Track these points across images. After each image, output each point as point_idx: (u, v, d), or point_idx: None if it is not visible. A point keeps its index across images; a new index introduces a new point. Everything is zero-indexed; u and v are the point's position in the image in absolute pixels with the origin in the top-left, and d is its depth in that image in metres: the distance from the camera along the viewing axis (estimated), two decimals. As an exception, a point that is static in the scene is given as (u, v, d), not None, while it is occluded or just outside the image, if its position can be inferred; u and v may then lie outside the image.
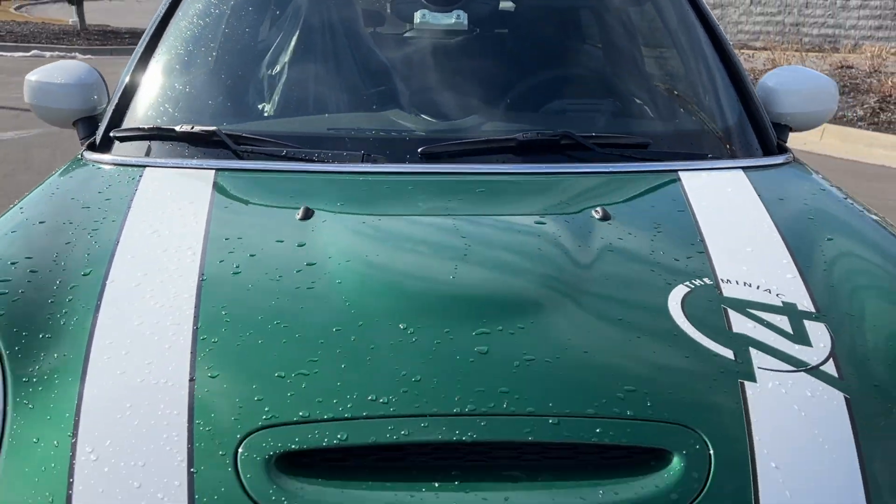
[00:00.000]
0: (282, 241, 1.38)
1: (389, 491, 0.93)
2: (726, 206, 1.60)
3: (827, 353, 1.13)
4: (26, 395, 1.05)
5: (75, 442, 0.98)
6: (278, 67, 2.03)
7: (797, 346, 1.14)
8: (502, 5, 2.31)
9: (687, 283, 1.25)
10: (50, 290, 1.23)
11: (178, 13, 2.12)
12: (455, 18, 2.03)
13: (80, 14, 19.41)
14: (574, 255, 1.31)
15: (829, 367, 1.11)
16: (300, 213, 1.42)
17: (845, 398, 1.06)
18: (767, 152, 1.91)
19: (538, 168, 1.70)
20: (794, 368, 1.10)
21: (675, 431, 0.99)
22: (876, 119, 8.22)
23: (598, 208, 1.47)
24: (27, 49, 15.99)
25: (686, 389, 1.07)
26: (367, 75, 2.03)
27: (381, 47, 2.10)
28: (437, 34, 2.09)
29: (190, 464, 0.95)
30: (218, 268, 1.28)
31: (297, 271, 1.27)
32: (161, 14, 2.14)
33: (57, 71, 2.16)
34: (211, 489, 0.92)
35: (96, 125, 2.08)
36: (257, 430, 0.97)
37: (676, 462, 0.96)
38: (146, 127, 1.86)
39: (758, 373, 1.08)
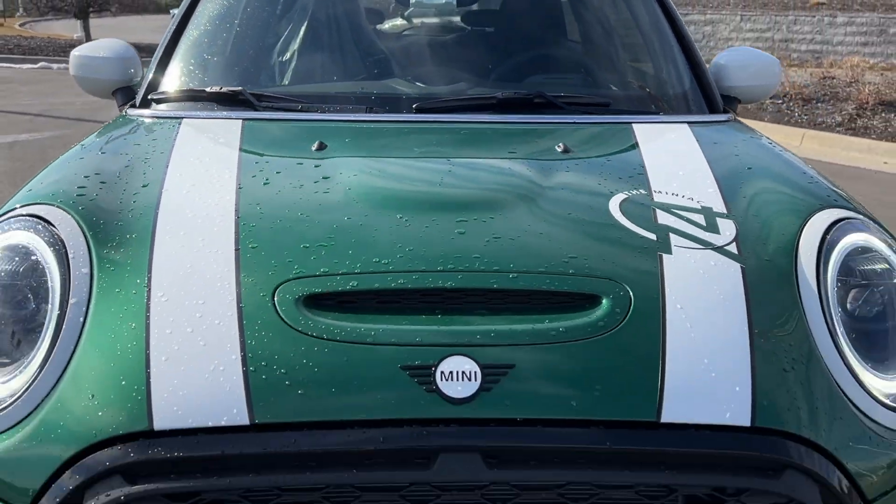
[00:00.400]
0: (301, 163, 1.69)
1: (387, 323, 1.23)
2: (667, 145, 1.91)
3: (731, 239, 1.43)
4: (107, 260, 1.35)
5: (149, 289, 1.27)
6: (293, 40, 2.35)
7: (708, 234, 1.44)
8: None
9: (626, 192, 1.56)
10: (118, 195, 1.53)
11: (202, 5, 2.43)
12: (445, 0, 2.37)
13: (86, 28, 19.82)
14: (537, 171, 1.62)
15: (732, 248, 1.41)
16: (315, 145, 1.73)
17: (741, 267, 1.36)
18: (713, 113, 2.23)
19: (514, 118, 2.02)
20: (703, 247, 1.40)
21: (605, 283, 1.28)
22: (853, 125, 8.56)
23: (561, 144, 1.78)
24: (35, 61, 16.35)
25: (616, 257, 1.37)
26: (371, 48, 2.35)
27: (379, 26, 2.42)
28: (429, 15, 2.41)
29: (238, 301, 1.24)
30: (251, 179, 1.58)
31: (315, 181, 1.58)
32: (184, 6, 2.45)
33: (99, 47, 2.46)
34: (254, 317, 1.21)
35: (133, 94, 2.38)
36: (289, 280, 1.27)
37: (605, 303, 1.26)
38: (182, 89, 2.17)
39: (674, 249, 1.38)
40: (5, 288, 1.34)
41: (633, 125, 1.99)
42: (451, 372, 1.14)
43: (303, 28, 2.42)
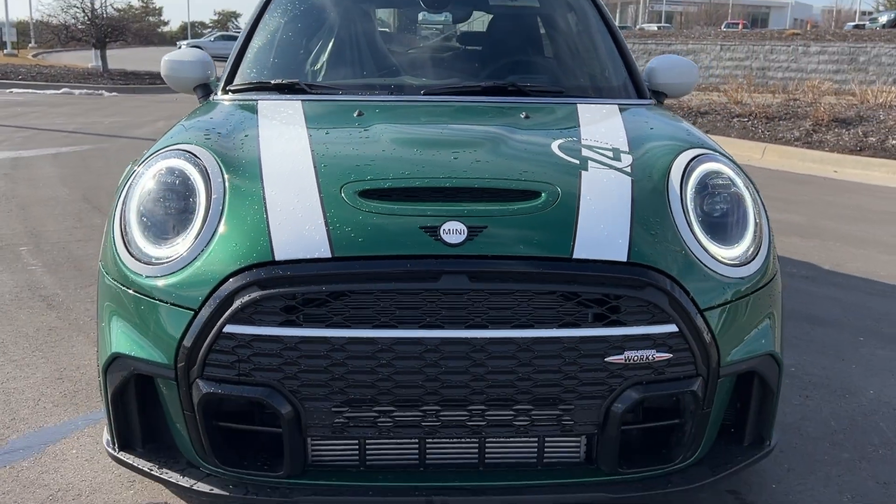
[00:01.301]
0: (347, 123, 2.46)
1: (411, 204, 1.95)
2: (598, 116, 2.69)
3: (628, 165, 2.19)
4: (233, 173, 2.09)
5: (263, 188, 2.02)
6: (329, 46, 3.14)
7: (613, 161, 2.20)
8: (474, 16, 3.44)
9: (563, 139, 2.34)
10: (230, 141, 2.28)
11: (265, 16, 3.21)
12: (444, 18, 3.16)
13: (103, 57, 20.69)
14: (507, 127, 2.40)
15: (627, 169, 2.16)
16: (356, 113, 2.50)
17: (632, 180, 2.11)
18: (640, 99, 3.01)
19: (493, 99, 2.79)
20: (608, 168, 2.16)
21: (544, 185, 2.04)
22: (809, 139, 9.39)
23: (524, 113, 2.56)
24: (58, 87, 17.22)
25: (552, 170, 2.13)
26: (386, 55, 3.15)
27: (396, 38, 3.22)
28: (432, 30, 3.21)
29: (320, 193, 1.98)
30: (316, 131, 2.35)
31: (359, 132, 2.35)
32: (254, 15, 3.23)
33: (184, 54, 3.23)
34: (330, 201, 1.95)
35: (209, 89, 3.15)
36: (349, 182, 2.01)
37: (543, 195, 2.00)
38: (253, 82, 2.94)
39: (590, 168, 2.14)
40: (168, 192, 2.10)
41: (578, 105, 2.78)
42: (449, 229, 1.88)
43: (338, 36, 3.22)
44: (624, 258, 1.91)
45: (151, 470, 2.00)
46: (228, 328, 1.83)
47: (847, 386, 3.08)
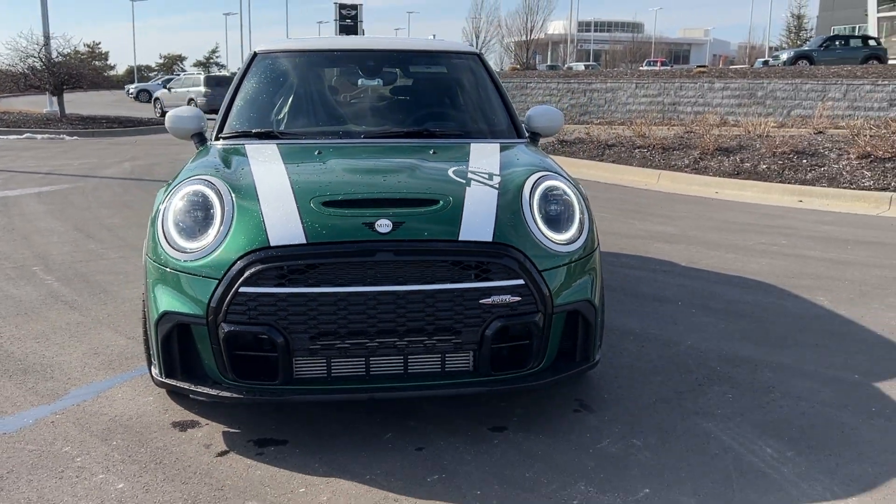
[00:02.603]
0: (312, 159, 3.50)
1: (356, 208, 3.00)
2: (484, 152, 3.77)
3: (497, 182, 3.25)
4: (238, 195, 3.08)
5: (259, 202, 3.01)
6: (295, 103, 4.20)
7: (487, 181, 3.26)
8: (399, 79, 4.55)
9: (456, 166, 3.41)
10: (232, 172, 3.30)
11: (244, 81, 4.24)
12: (377, 82, 4.26)
13: (61, 103, 21.32)
14: (419, 159, 3.46)
15: (496, 185, 3.22)
16: (317, 151, 3.55)
17: (497, 192, 3.17)
18: (518, 138, 4.12)
19: (413, 141, 3.87)
20: (483, 185, 3.22)
21: (440, 196, 3.07)
22: (697, 165, 10.68)
23: (433, 150, 3.65)
24: (20, 132, 17.85)
25: (447, 186, 3.18)
26: (336, 109, 4.22)
27: (342, 95, 4.30)
28: (368, 89, 4.30)
29: (296, 203, 2.98)
30: (290, 165, 3.37)
31: (320, 163, 3.39)
32: (236, 81, 4.26)
33: (183, 110, 4.22)
34: (304, 208, 2.95)
35: (203, 137, 4.16)
36: (314, 196, 3.03)
37: (441, 202, 3.02)
38: (240, 131, 3.97)
39: (471, 184, 3.20)
40: (194, 207, 3.10)
41: (472, 144, 3.88)
42: (381, 224, 2.91)
43: (298, 96, 4.28)
44: (490, 239, 2.98)
45: (189, 387, 2.99)
46: (242, 289, 2.84)
47: (672, 339, 4.20)
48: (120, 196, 9.02)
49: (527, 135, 4.22)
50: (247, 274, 2.83)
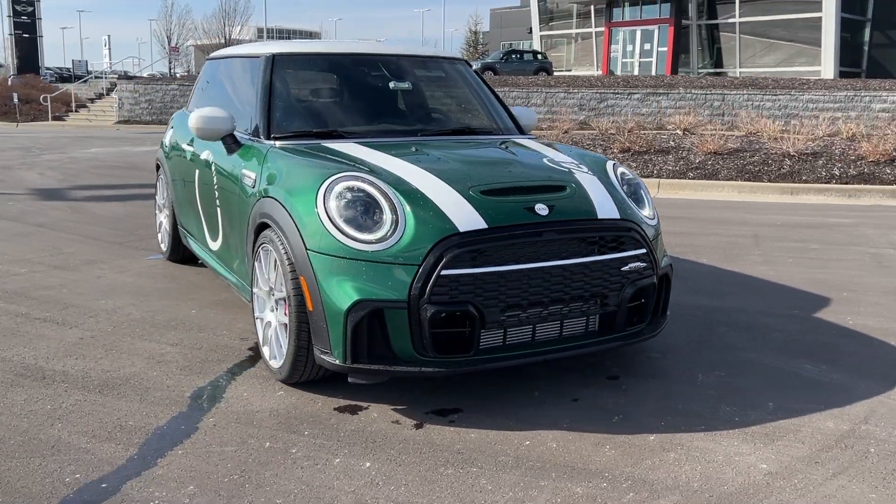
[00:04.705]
0: (418, 153, 3.60)
1: (511, 197, 3.24)
2: (532, 144, 4.12)
3: (586, 170, 3.68)
4: (399, 188, 3.10)
5: (427, 195, 3.10)
6: (340, 105, 4.22)
7: (580, 168, 3.67)
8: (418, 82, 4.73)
9: (545, 157, 3.78)
10: (365, 166, 3.35)
11: (273, 83, 4.14)
12: (407, 84, 4.42)
13: None
14: (506, 152, 3.77)
15: (587, 171, 3.66)
16: (413, 148, 3.68)
17: (596, 177, 3.63)
18: (520, 133, 4.54)
19: (469, 138, 4.12)
20: (581, 172, 3.63)
21: (564, 182, 3.45)
22: (620, 159, 11.60)
23: (503, 144, 3.95)
24: None
25: (559, 173, 3.53)
26: (382, 109, 4.32)
27: (375, 96, 4.40)
28: (398, 91, 4.45)
29: (459, 193, 3.17)
30: (411, 160, 3.44)
31: (431, 156, 3.53)
32: (265, 81, 4.11)
33: (213, 112, 4.02)
34: (470, 198, 3.17)
35: (235, 138, 4.03)
36: (469, 186, 3.24)
37: (566, 189, 3.40)
38: (296, 132, 3.91)
39: (573, 172, 3.60)
40: (357, 200, 3.11)
41: (512, 139, 4.23)
42: (539, 208, 3.16)
43: (340, 97, 4.31)
44: (619, 216, 3.42)
45: (384, 368, 3.07)
46: (443, 272, 3.00)
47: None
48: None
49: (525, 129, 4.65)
50: (446, 258, 3.00)
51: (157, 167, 5.77)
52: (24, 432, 2.96)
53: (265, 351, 3.58)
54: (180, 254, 5.55)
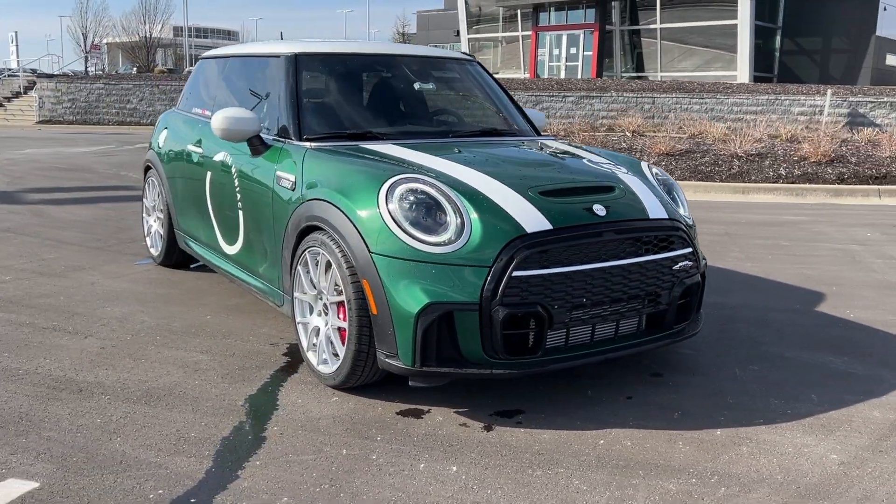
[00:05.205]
0: (463, 154, 3.55)
1: (569, 197, 3.22)
2: (563, 145, 4.15)
3: (624, 170, 3.67)
4: (458, 189, 3.10)
5: (489, 197, 3.07)
6: (370, 105, 4.13)
7: (619, 168, 3.66)
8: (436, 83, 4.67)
9: (585, 158, 3.78)
10: (419, 169, 3.27)
11: (299, 83, 4.01)
12: (431, 85, 4.35)
13: None
14: (546, 153, 3.76)
15: (626, 171, 3.69)
16: (456, 150, 3.61)
17: (637, 177, 3.66)
18: (538, 134, 4.54)
19: (479, 139, 4.09)
20: (623, 172, 3.65)
21: (613, 183, 3.46)
22: None
23: (539, 145, 3.94)
24: None
25: (605, 173, 3.54)
26: (411, 110, 4.25)
27: (401, 97, 4.32)
28: (423, 92, 4.39)
29: (519, 194, 3.14)
30: (460, 161, 3.40)
31: (477, 157, 3.49)
32: (290, 81, 3.99)
33: (239, 112, 3.87)
34: (531, 199, 3.13)
35: (261, 139, 3.90)
36: (528, 188, 3.15)
37: (615, 190, 3.41)
38: (328, 133, 3.81)
39: (615, 172, 3.62)
40: (420, 203, 3.03)
41: (540, 140, 4.23)
42: (597, 209, 3.13)
43: (369, 98, 4.21)
44: (667, 216, 3.46)
45: (454, 371, 3.02)
46: (515, 273, 2.98)
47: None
48: None
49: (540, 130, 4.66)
50: (517, 260, 2.98)
51: (147, 169, 5.53)
52: (83, 448, 2.79)
53: (310, 356, 3.48)
54: (173, 259, 5.34)
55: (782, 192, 9.97)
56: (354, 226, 3.13)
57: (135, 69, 43.41)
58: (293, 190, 3.57)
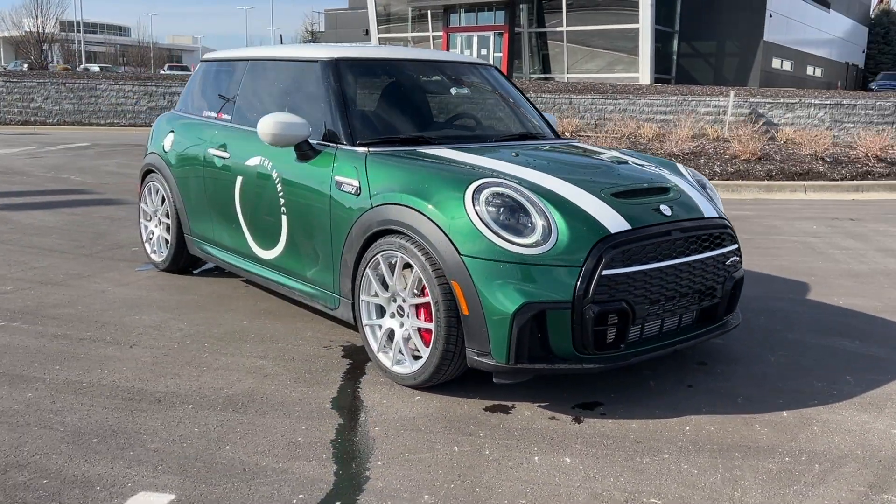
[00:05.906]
0: (526, 158, 3.64)
1: (637, 199, 3.36)
2: (596, 148, 4.32)
3: (666, 172, 3.88)
4: (539, 192, 3.19)
5: (570, 200, 3.15)
6: (415, 111, 4.15)
7: (661, 170, 3.86)
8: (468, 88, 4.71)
9: (630, 160, 3.95)
10: (495, 174, 3.35)
11: (343, 88, 3.99)
12: (466, 91, 4.41)
13: None
14: (592, 157, 3.92)
15: (667, 173, 3.88)
16: (514, 153, 3.71)
17: (680, 178, 3.84)
18: (558, 137, 4.69)
19: (521, 143, 4.19)
20: (667, 173, 3.84)
21: (667, 184, 3.63)
22: None
23: (582, 150, 4.08)
24: None
25: (658, 175, 3.71)
26: (440, 113, 4.29)
27: (441, 102, 4.37)
28: (460, 96, 4.45)
29: (594, 196, 3.27)
30: (527, 164, 3.49)
31: (541, 161, 3.61)
32: (332, 86, 3.97)
33: (288, 117, 3.82)
34: (607, 201, 3.24)
35: (310, 145, 3.88)
36: (601, 189, 3.30)
37: (670, 191, 3.59)
38: (379, 138, 3.82)
39: (662, 173, 3.80)
40: (505, 206, 3.12)
41: (572, 143, 4.37)
42: (664, 209, 3.34)
43: (413, 104, 4.24)
44: (716, 215, 3.66)
45: (546, 367, 3.12)
46: (604, 272, 3.11)
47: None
48: None
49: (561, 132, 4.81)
50: (605, 259, 3.11)
51: (147, 173, 5.37)
52: (197, 458, 2.75)
53: (382, 358, 3.51)
54: (181, 264, 5.21)
55: (720, 188, 10.49)
56: (441, 229, 3.18)
57: (25, 66, 41.17)
58: (357, 195, 3.58)
